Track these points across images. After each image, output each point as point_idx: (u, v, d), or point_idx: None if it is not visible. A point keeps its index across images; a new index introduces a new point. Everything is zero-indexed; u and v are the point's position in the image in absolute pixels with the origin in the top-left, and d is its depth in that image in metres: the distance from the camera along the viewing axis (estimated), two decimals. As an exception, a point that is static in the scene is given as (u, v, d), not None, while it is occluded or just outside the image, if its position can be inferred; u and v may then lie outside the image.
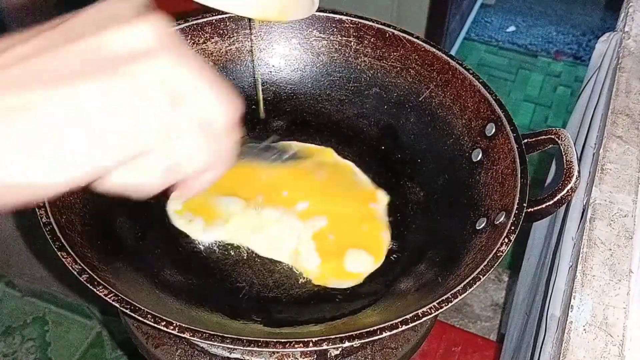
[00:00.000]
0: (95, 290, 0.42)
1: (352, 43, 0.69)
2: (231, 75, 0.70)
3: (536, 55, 1.96)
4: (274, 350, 0.41)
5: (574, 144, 0.56)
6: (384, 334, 0.42)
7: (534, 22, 2.08)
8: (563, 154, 0.54)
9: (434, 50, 0.65)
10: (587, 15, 2.11)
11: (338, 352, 0.52)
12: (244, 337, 0.41)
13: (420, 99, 0.67)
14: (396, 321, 0.42)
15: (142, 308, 0.42)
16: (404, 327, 0.42)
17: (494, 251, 0.48)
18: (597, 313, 0.47)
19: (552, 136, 0.56)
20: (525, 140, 0.57)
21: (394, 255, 0.59)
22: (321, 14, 0.69)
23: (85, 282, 0.43)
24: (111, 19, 0.25)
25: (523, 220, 0.50)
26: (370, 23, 0.68)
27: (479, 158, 0.60)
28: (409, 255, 0.59)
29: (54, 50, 0.24)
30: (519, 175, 0.53)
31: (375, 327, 0.42)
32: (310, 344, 0.41)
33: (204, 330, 0.41)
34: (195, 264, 0.57)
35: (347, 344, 0.41)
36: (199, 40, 0.67)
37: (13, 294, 1.23)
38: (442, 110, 0.65)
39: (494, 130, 0.59)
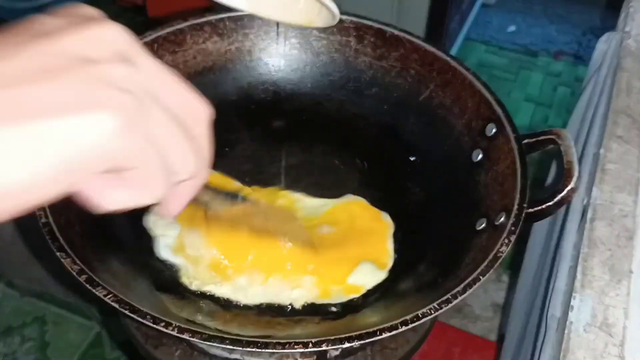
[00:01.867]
0: (94, 290, 0.42)
1: (352, 43, 0.69)
2: (231, 75, 0.70)
3: (536, 55, 1.96)
4: (274, 351, 0.41)
5: (574, 144, 0.56)
6: (384, 335, 0.42)
7: (534, 22, 2.08)
8: (563, 154, 0.54)
9: (434, 50, 0.65)
10: (588, 15, 2.11)
11: (338, 352, 0.52)
12: (243, 338, 0.41)
13: (420, 99, 0.67)
14: (396, 322, 0.42)
15: (141, 309, 0.42)
16: (404, 328, 0.42)
17: (494, 252, 0.48)
18: (597, 313, 0.47)
19: (552, 136, 0.56)
20: (526, 141, 0.57)
21: (394, 256, 0.59)
22: (321, 13, 0.69)
23: (84, 283, 0.43)
24: (82, 20, 0.24)
25: (523, 220, 0.50)
26: (370, 23, 0.68)
27: (479, 158, 0.60)
28: (409, 255, 0.59)
29: (21, 49, 0.22)
30: (519, 176, 0.53)
31: (375, 328, 0.42)
32: (310, 345, 0.41)
33: (203, 331, 0.41)
34: (195, 265, 0.57)
35: (347, 344, 0.41)
36: (198, 40, 0.67)
37: (13, 294, 1.23)
38: (442, 111, 0.65)
39: (494, 130, 0.59)
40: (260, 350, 0.41)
